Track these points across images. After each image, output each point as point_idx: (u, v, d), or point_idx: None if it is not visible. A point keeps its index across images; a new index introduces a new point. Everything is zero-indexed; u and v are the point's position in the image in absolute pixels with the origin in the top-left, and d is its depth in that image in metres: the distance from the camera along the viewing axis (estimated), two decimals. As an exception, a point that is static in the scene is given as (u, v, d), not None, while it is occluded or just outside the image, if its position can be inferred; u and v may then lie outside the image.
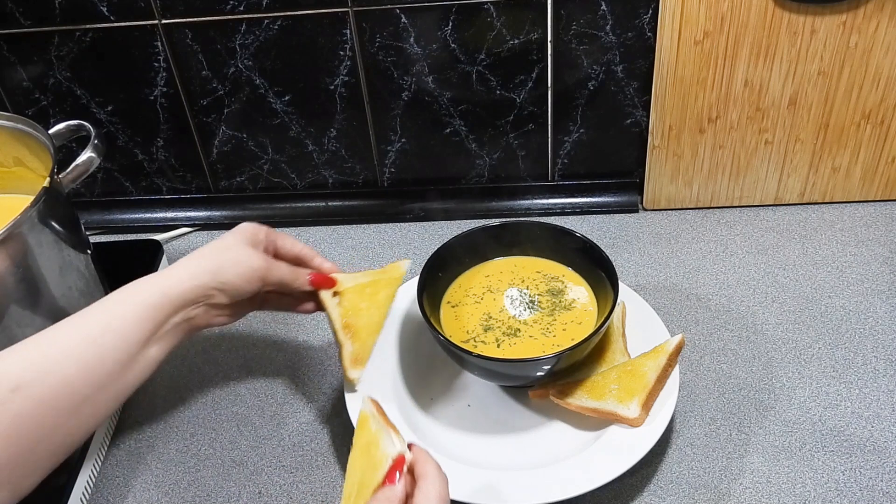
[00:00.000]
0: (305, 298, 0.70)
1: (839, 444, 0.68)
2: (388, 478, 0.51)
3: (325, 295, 0.70)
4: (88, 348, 0.55)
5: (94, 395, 0.54)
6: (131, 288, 0.59)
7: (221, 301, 0.63)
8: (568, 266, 0.76)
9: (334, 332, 0.69)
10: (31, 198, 0.66)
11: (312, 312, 0.71)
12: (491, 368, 0.68)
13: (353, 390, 0.70)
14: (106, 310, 0.57)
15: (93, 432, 0.56)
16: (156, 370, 0.60)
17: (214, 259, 0.62)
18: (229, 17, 0.86)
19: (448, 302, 0.75)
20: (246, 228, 0.66)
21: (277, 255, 0.68)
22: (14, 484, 0.51)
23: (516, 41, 0.86)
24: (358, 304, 0.70)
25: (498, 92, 0.90)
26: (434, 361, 0.75)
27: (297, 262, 0.70)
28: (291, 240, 0.70)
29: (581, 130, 0.92)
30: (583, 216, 0.95)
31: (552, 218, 0.94)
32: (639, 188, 0.95)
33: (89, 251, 0.76)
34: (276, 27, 0.86)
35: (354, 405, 0.70)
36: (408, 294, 0.79)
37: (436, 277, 0.74)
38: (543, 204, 0.97)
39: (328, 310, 0.69)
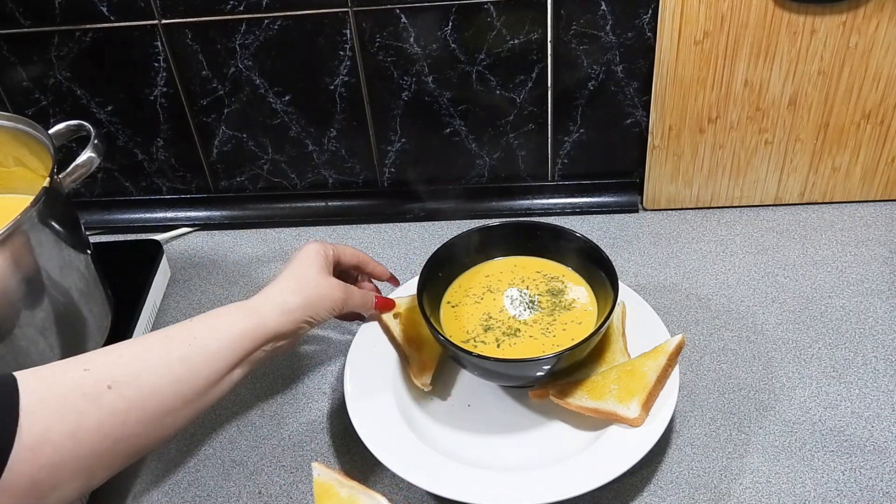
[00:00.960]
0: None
1: (839, 444, 0.68)
2: None
3: (387, 315, 0.76)
4: (181, 365, 0.57)
5: (178, 408, 0.57)
6: (227, 318, 0.62)
7: (307, 332, 0.68)
8: (568, 266, 0.76)
9: (398, 347, 0.74)
10: (31, 198, 0.65)
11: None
12: (491, 368, 0.68)
13: (427, 389, 0.72)
14: (201, 336, 0.60)
15: (167, 441, 0.61)
16: (234, 389, 0.62)
17: (304, 294, 0.66)
18: (229, 17, 0.86)
19: (448, 302, 0.75)
20: (317, 253, 0.69)
21: (338, 265, 0.73)
22: (90, 476, 0.54)
23: (516, 41, 0.86)
24: (414, 317, 0.75)
25: (498, 92, 0.90)
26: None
27: (356, 269, 0.76)
28: (350, 250, 0.74)
29: (581, 130, 0.92)
30: (583, 216, 0.95)
31: (552, 218, 0.94)
32: (639, 188, 0.95)
33: (89, 251, 0.76)
34: (276, 27, 0.86)
35: (355, 405, 0.70)
36: (408, 294, 0.79)
37: (436, 277, 0.74)
38: (543, 204, 0.97)
39: (390, 328, 0.75)
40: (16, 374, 0.52)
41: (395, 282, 0.79)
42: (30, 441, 0.49)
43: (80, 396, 0.52)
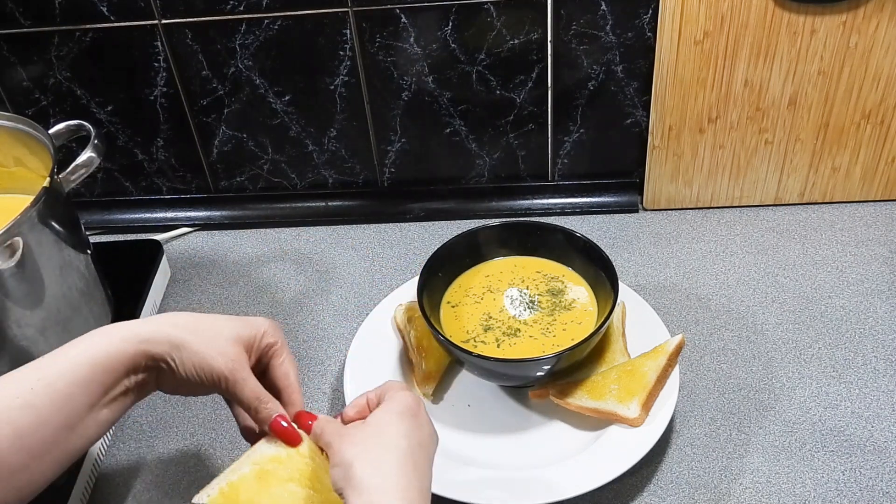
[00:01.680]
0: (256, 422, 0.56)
1: (839, 444, 0.68)
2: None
3: (401, 320, 0.76)
4: (23, 415, 0.47)
5: (30, 464, 0.47)
6: (85, 342, 0.51)
7: (168, 379, 0.53)
8: (568, 266, 0.76)
9: (407, 352, 0.75)
10: (31, 198, 0.66)
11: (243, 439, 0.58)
12: (491, 368, 0.68)
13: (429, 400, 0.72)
14: (52, 368, 0.49)
15: (30, 499, 0.49)
16: (105, 431, 0.52)
17: (177, 318, 0.54)
18: (229, 17, 0.86)
19: (448, 302, 0.75)
20: (249, 326, 0.56)
21: (265, 372, 0.57)
22: None
23: (516, 41, 0.86)
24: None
25: (498, 92, 0.90)
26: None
27: (279, 390, 0.57)
28: (289, 365, 0.57)
29: (581, 130, 0.92)
30: (583, 216, 0.95)
31: (552, 218, 0.94)
32: (639, 188, 0.95)
33: (89, 251, 0.76)
34: (276, 27, 0.86)
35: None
36: (408, 294, 0.79)
37: (436, 277, 0.74)
38: (543, 204, 0.97)
39: (404, 333, 0.75)
40: None
41: (284, 431, 0.54)
42: None
43: None
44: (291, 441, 0.54)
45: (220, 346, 0.53)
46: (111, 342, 0.51)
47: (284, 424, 0.54)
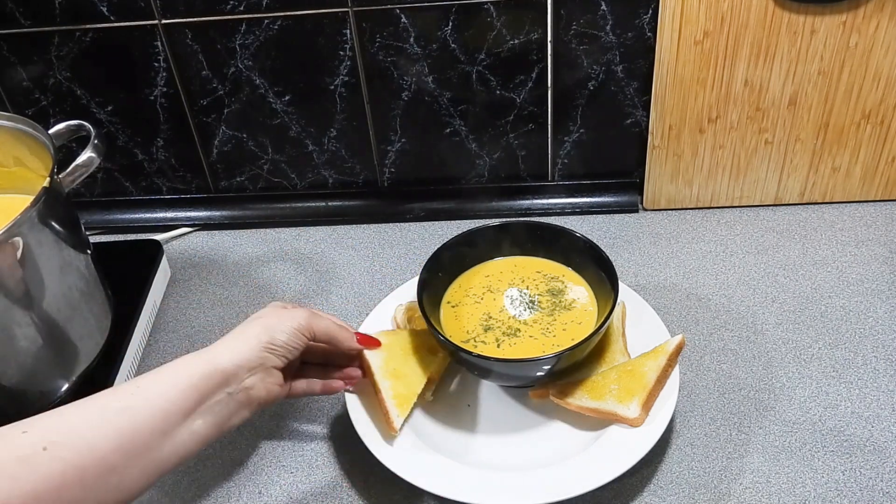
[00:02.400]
0: (344, 364, 0.69)
1: (839, 444, 0.68)
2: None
3: (401, 320, 0.76)
4: (121, 417, 0.52)
5: (122, 466, 0.51)
6: (176, 363, 0.57)
7: (275, 364, 0.60)
8: (568, 266, 0.76)
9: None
10: (31, 198, 0.65)
11: (339, 392, 0.69)
12: (491, 368, 0.68)
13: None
14: (146, 383, 0.55)
15: None
16: (201, 446, 0.56)
17: (259, 324, 0.61)
18: (229, 17, 0.86)
19: (448, 302, 0.75)
20: (275, 304, 0.65)
21: (314, 339, 0.65)
22: None
23: (516, 41, 0.86)
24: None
25: (498, 92, 0.90)
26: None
27: (329, 344, 0.66)
28: (326, 321, 0.66)
29: (581, 130, 0.92)
30: (583, 216, 0.95)
31: (552, 218, 0.94)
32: (639, 188, 0.95)
33: (89, 251, 0.76)
34: (276, 27, 0.86)
35: (355, 405, 0.70)
36: (408, 294, 0.79)
37: (436, 277, 0.74)
38: (543, 204, 0.97)
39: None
40: None
41: (367, 339, 0.70)
42: None
43: (13, 461, 0.48)
44: (375, 344, 0.70)
45: (285, 312, 0.62)
46: (204, 357, 0.57)
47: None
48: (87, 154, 0.72)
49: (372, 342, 0.70)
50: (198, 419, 0.55)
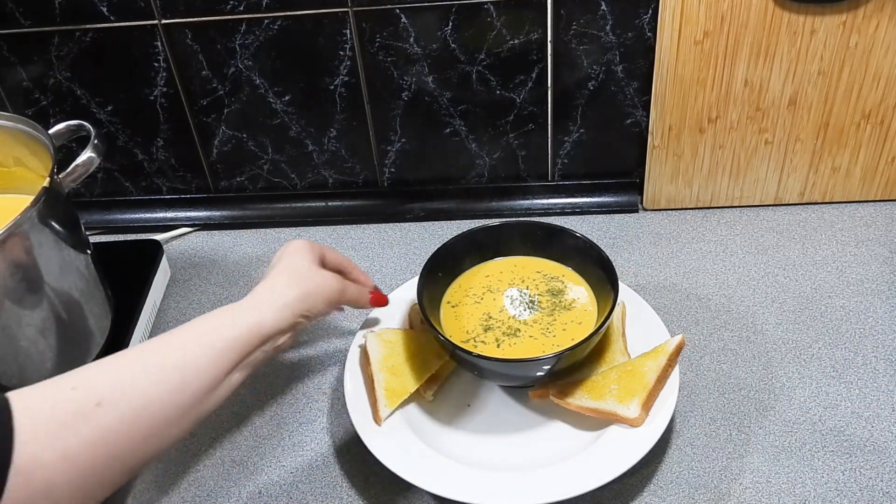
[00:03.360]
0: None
1: (839, 444, 0.68)
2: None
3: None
4: (174, 374, 0.55)
5: (175, 419, 0.54)
6: (222, 320, 0.59)
7: (306, 326, 0.65)
8: (568, 266, 0.76)
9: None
10: (31, 198, 0.65)
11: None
12: (491, 368, 0.68)
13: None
14: (195, 342, 0.57)
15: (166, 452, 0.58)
16: (233, 392, 0.59)
17: (300, 287, 0.63)
18: (229, 17, 0.86)
19: (448, 302, 0.75)
20: (307, 248, 0.67)
21: (322, 265, 0.69)
22: (87, 495, 0.51)
23: (516, 41, 0.86)
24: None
25: (498, 92, 0.90)
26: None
27: (339, 272, 0.71)
28: (334, 254, 0.71)
29: (581, 130, 0.92)
30: (583, 216, 0.95)
31: (552, 218, 0.94)
32: (639, 188, 0.95)
33: (89, 251, 0.76)
34: (276, 27, 0.86)
35: (355, 405, 0.70)
36: (408, 294, 0.79)
37: (436, 277, 0.74)
38: (543, 204, 0.97)
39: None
40: (7, 395, 0.50)
41: (379, 298, 0.74)
42: (22, 464, 0.47)
43: (69, 415, 0.50)
44: (383, 302, 0.74)
45: (321, 277, 0.65)
46: (249, 323, 0.60)
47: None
48: (87, 154, 0.72)
49: (382, 300, 0.74)
50: (236, 373, 0.59)
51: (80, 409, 0.50)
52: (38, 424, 0.49)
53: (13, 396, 0.50)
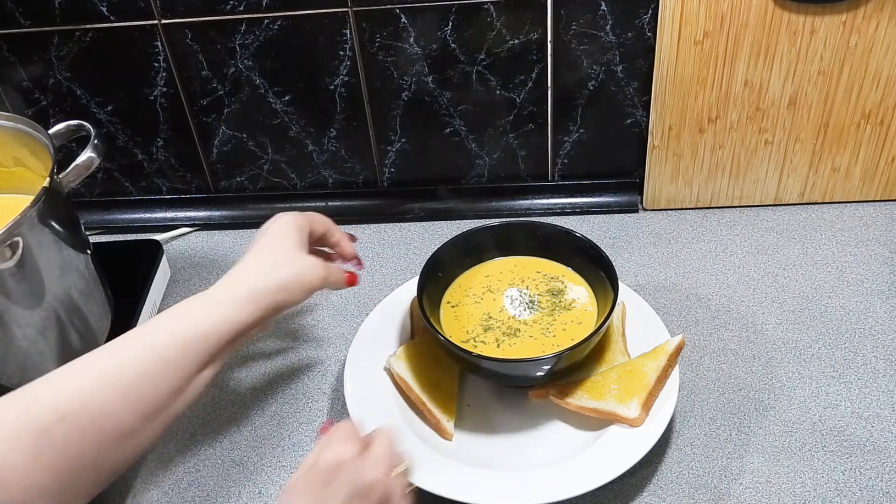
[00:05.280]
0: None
1: (839, 444, 0.68)
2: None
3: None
4: (138, 382, 0.52)
5: (141, 427, 0.53)
6: (190, 315, 0.56)
7: (281, 314, 0.62)
8: (568, 266, 0.76)
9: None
10: (31, 198, 0.65)
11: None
12: (491, 368, 0.68)
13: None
14: (160, 343, 0.54)
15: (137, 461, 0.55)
16: (207, 388, 0.57)
17: (277, 277, 0.60)
18: (229, 17, 0.86)
19: (448, 302, 0.75)
20: (292, 227, 0.64)
21: (311, 237, 0.67)
22: (65, 503, 0.50)
23: (516, 41, 0.86)
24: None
25: (498, 92, 0.90)
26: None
27: (320, 241, 0.69)
28: (320, 218, 0.69)
29: (581, 130, 0.92)
30: (583, 216, 0.95)
31: (552, 218, 0.94)
32: (639, 188, 0.95)
33: (89, 251, 0.76)
34: (276, 27, 0.86)
35: (355, 405, 0.70)
36: (408, 294, 0.79)
37: (436, 277, 0.74)
38: (543, 204, 0.97)
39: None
40: None
41: (352, 279, 0.69)
42: None
43: (31, 433, 0.48)
44: (354, 281, 0.68)
45: (302, 264, 0.62)
46: (221, 316, 0.56)
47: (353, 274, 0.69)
48: (86, 154, 0.72)
49: (354, 280, 0.69)
50: (207, 370, 0.56)
51: (41, 426, 0.49)
52: (3, 437, 0.48)
53: None
